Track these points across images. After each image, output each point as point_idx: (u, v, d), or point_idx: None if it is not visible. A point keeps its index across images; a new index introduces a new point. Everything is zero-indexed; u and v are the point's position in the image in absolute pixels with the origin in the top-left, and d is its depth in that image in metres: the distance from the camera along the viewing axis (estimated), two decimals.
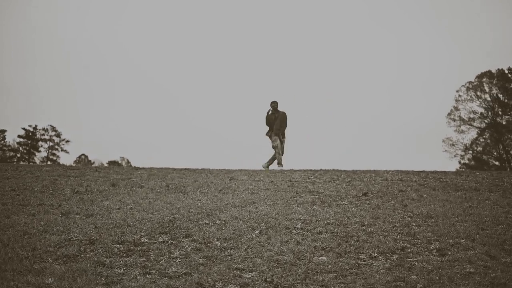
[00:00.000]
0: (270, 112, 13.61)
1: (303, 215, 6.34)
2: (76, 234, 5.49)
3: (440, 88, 73.81)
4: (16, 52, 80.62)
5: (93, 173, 10.89)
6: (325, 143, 78.14)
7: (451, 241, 5.06)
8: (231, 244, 5.06)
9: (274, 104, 13.66)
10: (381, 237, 5.29)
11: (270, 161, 13.50)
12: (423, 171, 11.17)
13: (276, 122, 13.41)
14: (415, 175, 10.45)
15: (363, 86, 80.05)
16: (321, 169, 11.70)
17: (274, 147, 13.36)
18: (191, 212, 6.64)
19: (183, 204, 7.21)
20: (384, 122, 74.24)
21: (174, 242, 5.20)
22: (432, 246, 4.90)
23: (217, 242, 5.12)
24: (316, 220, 6.07)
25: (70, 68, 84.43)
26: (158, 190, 8.70)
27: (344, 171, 11.27)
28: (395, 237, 5.28)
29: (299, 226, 5.73)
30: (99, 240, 5.25)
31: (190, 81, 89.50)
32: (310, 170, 11.58)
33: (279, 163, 13.36)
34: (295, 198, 7.66)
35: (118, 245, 5.08)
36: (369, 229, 5.62)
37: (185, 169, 12.02)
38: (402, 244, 5.00)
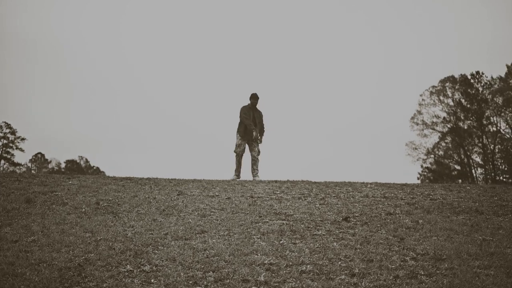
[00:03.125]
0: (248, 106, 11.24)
1: (268, 255, 4.59)
2: None
3: (406, 92, 73.80)
4: None
5: (11, 184, 8.85)
6: (295, 152, 76.37)
7: None
8: None
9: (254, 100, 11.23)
10: None
11: (256, 167, 11.12)
12: (406, 184, 9.63)
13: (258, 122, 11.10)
14: (398, 189, 8.89)
15: (337, 92, 78.94)
16: (288, 181, 9.99)
17: (256, 153, 11.03)
18: (114, 249, 4.78)
19: (107, 235, 5.34)
20: (358, 129, 73.20)
21: None
22: None
23: None
24: (286, 265, 4.33)
25: (28, 66, 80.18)
26: (83, 210, 6.79)
27: (315, 183, 9.60)
28: None
29: (262, 279, 3.97)
30: None
31: (161, 79, 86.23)
32: (276, 181, 9.85)
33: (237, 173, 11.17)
34: (257, 225, 5.91)
35: None
36: (362, 282, 3.92)
37: (127, 178, 10.09)
38: None
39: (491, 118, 49.49)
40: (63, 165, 68.29)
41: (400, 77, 72.77)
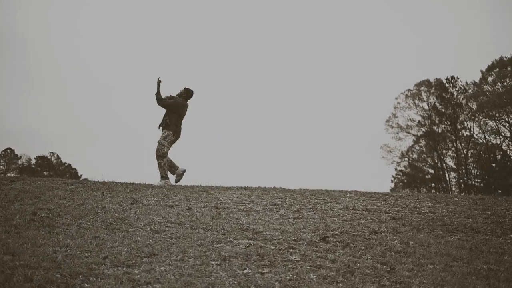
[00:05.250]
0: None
1: None
2: None
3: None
4: None
5: None
6: (275, 156, 74.31)
7: None
8: None
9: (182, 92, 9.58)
10: None
11: (177, 173, 9.51)
12: (388, 194, 8.79)
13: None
14: (381, 200, 8.02)
15: (328, 94, 77.29)
16: (259, 187, 9.04)
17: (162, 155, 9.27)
18: (32, 280, 3.73)
19: (30, 259, 4.27)
20: (345, 133, 71.81)
21: None
22: None
23: None
24: None
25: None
26: (15, 222, 5.70)
27: (289, 191, 8.66)
28: None
29: None
30: None
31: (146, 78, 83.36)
32: (245, 188, 8.88)
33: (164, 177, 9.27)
34: (218, 245, 4.92)
35: None
36: None
37: (79, 182, 9.00)
38: None
39: (465, 122, 49.57)
40: (33, 161, 66.06)
41: (393, 79, 72.14)
